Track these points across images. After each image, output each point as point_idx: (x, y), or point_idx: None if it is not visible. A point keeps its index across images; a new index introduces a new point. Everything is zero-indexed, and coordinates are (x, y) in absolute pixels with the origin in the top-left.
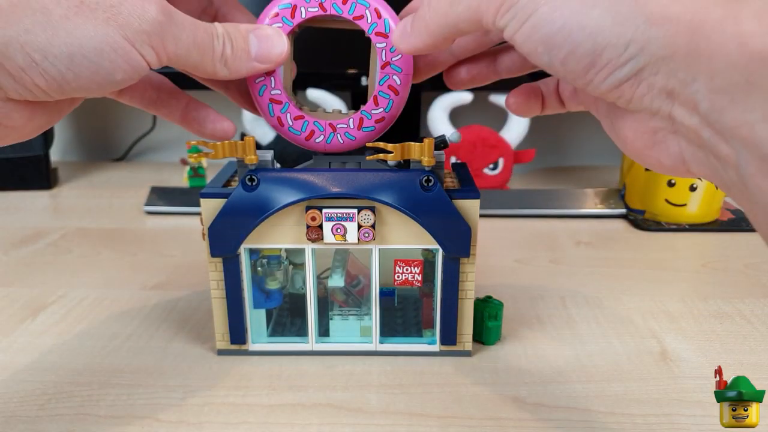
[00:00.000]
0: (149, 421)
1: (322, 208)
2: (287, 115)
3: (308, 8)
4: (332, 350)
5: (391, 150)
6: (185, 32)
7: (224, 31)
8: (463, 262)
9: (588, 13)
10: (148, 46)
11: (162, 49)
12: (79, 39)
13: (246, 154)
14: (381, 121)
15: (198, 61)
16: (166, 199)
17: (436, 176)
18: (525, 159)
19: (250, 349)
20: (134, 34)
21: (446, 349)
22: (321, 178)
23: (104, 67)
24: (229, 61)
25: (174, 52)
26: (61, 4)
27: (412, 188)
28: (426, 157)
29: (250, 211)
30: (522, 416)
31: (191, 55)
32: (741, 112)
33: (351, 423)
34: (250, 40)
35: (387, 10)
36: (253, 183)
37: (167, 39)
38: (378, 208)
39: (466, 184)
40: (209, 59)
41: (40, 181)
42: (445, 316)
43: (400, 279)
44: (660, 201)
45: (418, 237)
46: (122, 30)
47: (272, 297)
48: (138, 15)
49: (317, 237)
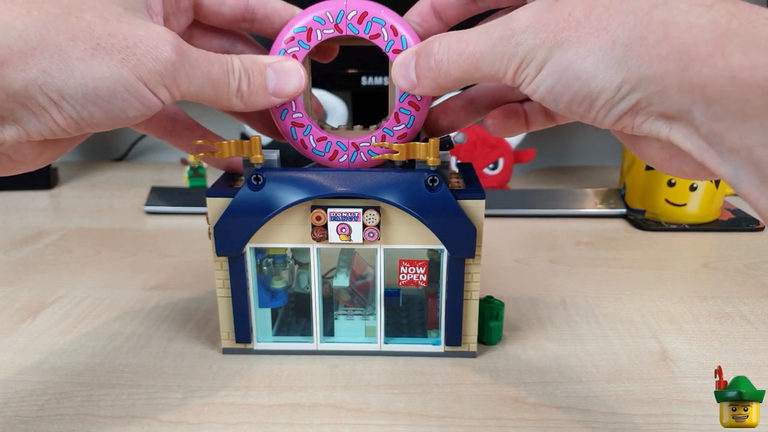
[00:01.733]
0: (149, 421)
1: (327, 207)
2: (310, 137)
3: (324, 30)
4: (337, 350)
5: (396, 150)
6: (199, 70)
7: (241, 65)
8: (468, 263)
9: (582, 64)
10: (161, 85)
11: (175, 88)
12: (94, 80)
13: (252, 154)
14: (403, 137)
15: (212, 96)
16: (167, 199)
17: (441, 176)
18: (525, 159)
19: (255, 348)
20: (148, 74)
21: (451, 350)
22: (326, 177)
23: (118, 106)
24: (245, 96)
25: (187, 90)
26: (78, 47)
27: (417, 188)
28: (431, 157)
29: (255, 211)
30: (522, 416)
31: (206, 91)
32: (739, 138)
33: (351, 423)
34: (267, 75)
35: (403, 26)
36: (259, 182)
37: (180, 78)
38: (383, 207)
39: (472, 184)
40: (224, 95)
41: (40, 181)
42: (450, 317)
43: (405, 279)
44: (660, 201)
45: (422, 237)
46: (136, 70)
47: (277, 296)
48: (152, 56)
49: (322, 236)
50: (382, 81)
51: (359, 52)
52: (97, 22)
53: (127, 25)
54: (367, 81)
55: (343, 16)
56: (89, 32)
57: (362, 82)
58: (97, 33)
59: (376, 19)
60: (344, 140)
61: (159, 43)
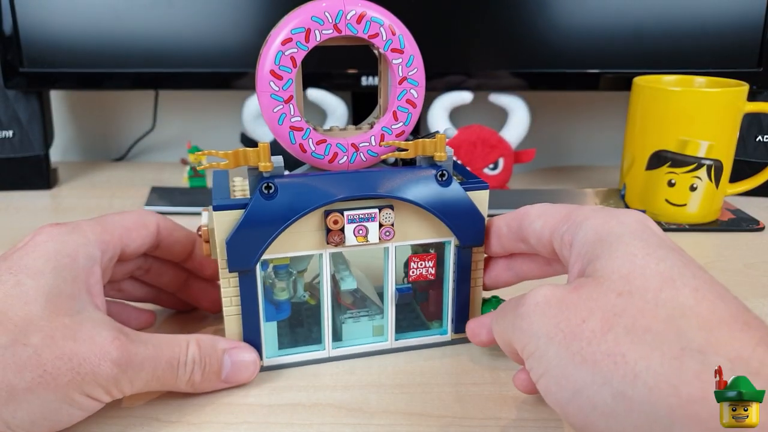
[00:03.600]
0: (149, 421)
1: (344, 210)
2: (309, 140)
3: (323, 30)
4: (349, 354)
5: (406, 147)
6: (144, 371)
7: (196, 353)
8: (474, 251)
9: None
10: (103, 393)
11: (117, 392)
12: (41, 407)
13: (261, 161)
14: (401, 135)
15: (159, 388)
16: (167, 199)
17: (449, 171)
18: (525, 159)
19: (265, 364)
20: (92, 389)
21: (458, 337)
22: (339, 180)
23: (63, 420)
24: (196, 384)
25: (131, 390)
26: (25, 377)
27: (429, 183)
28: (439, 153)
29: (270, 221)
30: (522, 416)
31: (151, 386)
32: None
33: (351, 423)
34: (224, 362)
35: (399, 27)
36: (271, 191)
37: (123, 383)
38: (394, 205)
39: (471, 177)
40: (171, 385)
41: (40, 181)
42: (458, 305)
43: (415, 274)
44: (660, 201)
45: (431, 231)
46: (80, 387)
47: (282, 308)
48: (96, 372)
49: (340, 240)
50: None
51: (359, 52)
52: (44, 346)
53: (72, 342)
54: (367, 81)
55: (342, 15)
56: (36, 359)
57: (362, 82)
58: (43, 358)
59: (374, 18)
60: (343, 142)
61: (102, 359)
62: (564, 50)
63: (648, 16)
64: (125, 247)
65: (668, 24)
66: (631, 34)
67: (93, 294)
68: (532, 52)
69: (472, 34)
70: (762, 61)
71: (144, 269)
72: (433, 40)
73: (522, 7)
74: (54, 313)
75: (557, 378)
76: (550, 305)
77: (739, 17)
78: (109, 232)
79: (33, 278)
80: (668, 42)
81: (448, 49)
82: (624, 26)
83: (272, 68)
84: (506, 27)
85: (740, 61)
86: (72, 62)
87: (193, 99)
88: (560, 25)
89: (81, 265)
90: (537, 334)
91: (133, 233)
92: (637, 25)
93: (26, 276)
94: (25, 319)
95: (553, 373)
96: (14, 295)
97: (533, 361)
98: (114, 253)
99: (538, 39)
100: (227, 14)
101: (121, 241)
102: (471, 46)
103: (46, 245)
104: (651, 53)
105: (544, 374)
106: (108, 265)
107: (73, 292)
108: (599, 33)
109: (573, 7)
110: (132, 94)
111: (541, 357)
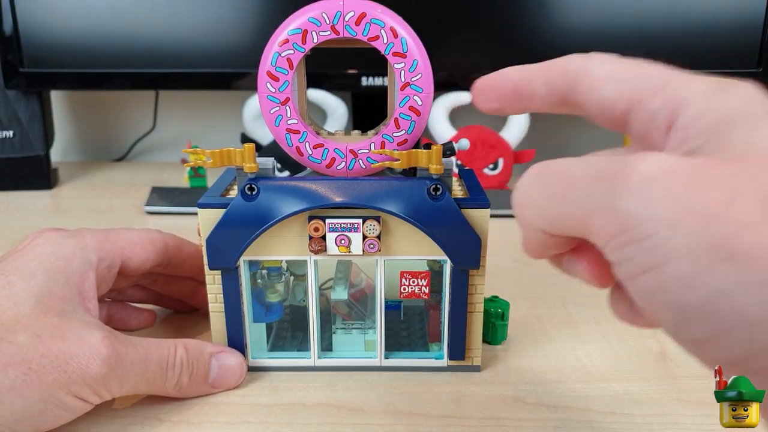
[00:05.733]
0: (149, 421)
1: (326, 218)
2: (306, 144)
3: (320, 32)
4: (335, 366)
5: (397, 157)
6: (133, 372)
7: (184, 356)
8: (472, 274)
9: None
10: (92, 393)
11: (106, 392)
12: (24, 406)
13: (245, 162)
14: (403, 143)
15: (147, 391)
16: (167, 199)
17: (444, 185)
18: (525, 159)
19: (249, 365)
20: (79, 388)
21: (454, 364)
22: (324, 186)
23: (49, 420)
24: (184, 388)
25: (119, 392)
26: (9, 375)
27: (419, 197)
28: (434, 165)
29: (249, 222)
30: (522, 416)
31: (140, 388)
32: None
33: (351, 423)
34: (211, 365)
35: (404, 28)
36: (253, 192)
37: (112, 384)
38: (383, 218)
39: (475, 192)
40: (160, 388)
41: (40, 181)
42: (453, 330)
43: (407, 292)
44: None
45: (425, 247)
46: (67, 387)
47: (273, 310)
48: (83, 371)
49: (320, 248)
50: (382, 81)
51: (359, 52)
52: (30, 344)
53: (60, 340)
54: (367, 81)
55: (341, 17)
56: (21, 357)
57: (362, 82)
58: (29, 356)
59: (375, 20)
60: (342, 147)
61: (90, 358)
62: (564, 50)
63: (648, 16)
64: (127, 260)
65: (668, 24)
66: (631, 34)
67: (85, 298)
68: (532, 52)
69: (473, 34)
70: (762, 61)
71: (151, 280)
72: (433, 41)
73: (522, 7)
74: (43, 313)
75: (685, 275)
76: (674, 178)
77: (739, 17)
78: (111, 242)
79: (24, 279)
80: (668, 42)
81: (448, 49)
82: (624, 26)
83: (269, 69)
84: (506, 27)
85: (740, 61)
86: (72, 62)
87: (193, 99)
88: (560, 25)
89: (75, 268)
90: (655, 215)
91: (137, 248)
92: (637, 25)
93: (17, 277)
94: (13, 319)
95: (676, 268)
96: (4, 296)
97: (638, 250)
98: (113, 262)
99: (538, 39)
100: (227, 14)
101: (123, 252)
102: (471, 46)
103: (42, 248)
104: (651, 53)
105: (658, 268)
106: (107, 273)
107: (64, 294)
108: (599, 33)
109: (573, 7)
110: (132, 95)
111: (658, 246)
